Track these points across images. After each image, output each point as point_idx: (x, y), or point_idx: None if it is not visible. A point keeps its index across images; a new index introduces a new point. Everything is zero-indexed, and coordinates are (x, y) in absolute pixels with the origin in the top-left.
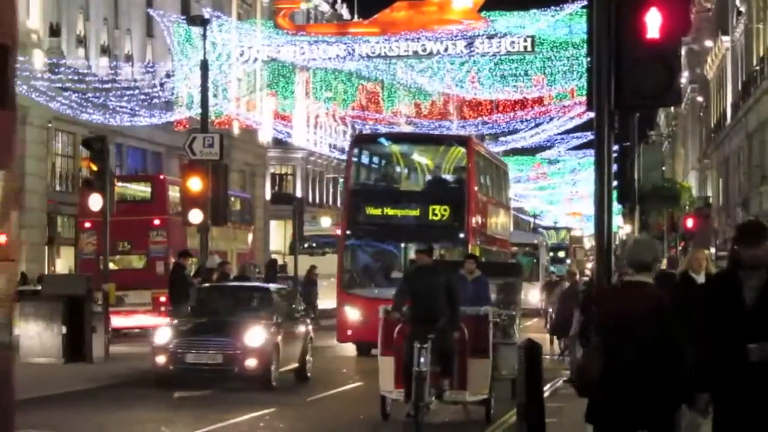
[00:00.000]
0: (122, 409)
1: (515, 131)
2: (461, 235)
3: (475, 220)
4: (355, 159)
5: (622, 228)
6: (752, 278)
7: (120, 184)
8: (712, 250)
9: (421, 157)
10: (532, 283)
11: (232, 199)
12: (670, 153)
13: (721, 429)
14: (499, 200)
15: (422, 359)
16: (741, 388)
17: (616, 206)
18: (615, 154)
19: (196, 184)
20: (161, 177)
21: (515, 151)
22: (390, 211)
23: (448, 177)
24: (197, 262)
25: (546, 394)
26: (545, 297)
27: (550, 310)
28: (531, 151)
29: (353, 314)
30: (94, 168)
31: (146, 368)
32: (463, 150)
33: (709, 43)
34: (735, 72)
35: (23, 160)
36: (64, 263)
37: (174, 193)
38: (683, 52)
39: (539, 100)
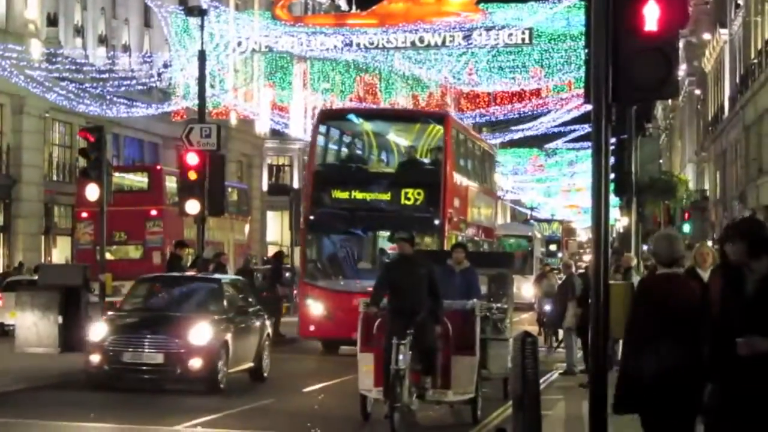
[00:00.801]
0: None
1: (513, 123)
2: (436, 222)
3: (453, 205)
4: (320, 136)
5: (619, 221)
6: (755, 271)
7: (117, 174)
8: (709, 243)
9: (393, 136)
10: (526, 276)
11: (230, 189)
12: (668, 146)
13: (713, 420)
14: (484, 185)
15: (401, 356)
16: (730, 380)
17: (613, 199)
18: (612, 147)
19: (192, 174)
20: (158, 167)
21: (512, 143)
22: (358, 195)
23: (424, 158)
24: (194, 253)
25: (541, 387)
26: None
27: (536, 302)
28: (528, 143)
29: (316, 308)
30: (91, 158)
31: None
32: (440, 128)
33: (707, 36)
34: (733, 65)
35: (20, 151)
36: (60, 253)
37: (171, 183)
38: (681, 44)
39: (537, 93)
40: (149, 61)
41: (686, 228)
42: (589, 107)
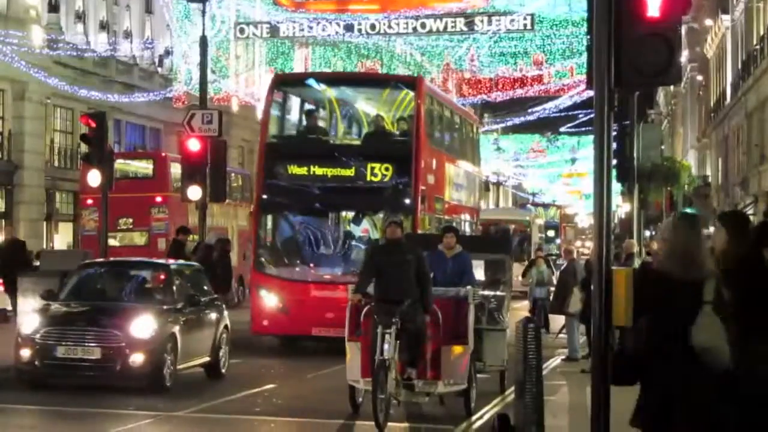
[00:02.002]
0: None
1: (514, 109)
2: (407, 201)
3: (427, 182)
4: (275, 104)
5: (620, 207)
6: None
7: (122, 161)
8: (711, 229)
9: (359, 103)
10: (523, 263)
11: (233, 176)
12: (669, 132)
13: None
14: (465, 161)
15: (386, 346)
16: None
17: (615, 185)
18: (614, 133)
19: (194, 160)
20: (163, 154)
21: (514, 129)
22: (317, 170)
23: (393, 128)
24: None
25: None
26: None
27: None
28: (530, 129)
29: (270, 300)
30: (93, 144)
31: None
32: (411, 94)
33: (709, 22)
34: (735, 51)
35: (22, 137)
36: (62, 239)
37: (176, 170)
38: (683, 30)
39: (539, 79)
40: (151, 47)
41: None
42: (591, 93)
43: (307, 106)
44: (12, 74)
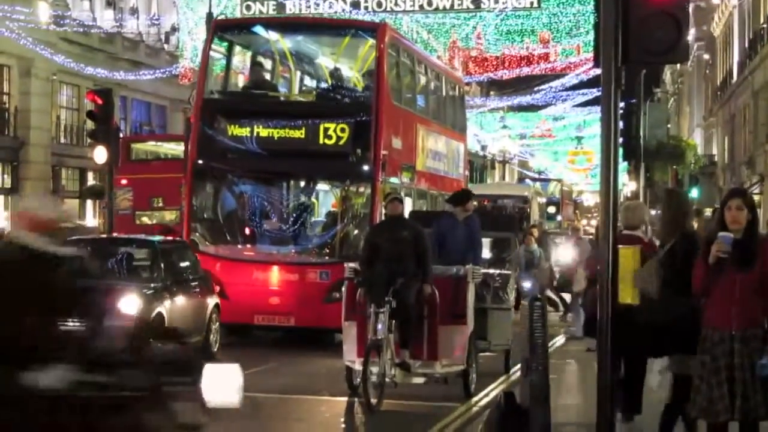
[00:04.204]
0: None
1: (521, 87)
2: (365, 167)
3: (391, 146)
4: (214, 54)
5: (626, 185)
6: None
7: (153, 142)
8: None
9: (313, 54)
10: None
11: None
12: (675, 111)
13: None
14: (443, 125)
15: (379, 326)
16: None
17: (622, 163)
18: (621, 111)
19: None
20: None
21: (521, 108)
22: (262, 131)
23: (353, 83)
24: None
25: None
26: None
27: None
28: (536, 107)
29: None
30: (99, 121)
31: None
32: (372, 42)
33: (716, 0)
34: (742, 29)
35: (28, 113)
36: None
37: None
38: (690, 8)
39: (545, 57)
40: (157, 23)
41: (694, 193)
42: (597, 71)
43: (251, 56)
44: (18, 50)
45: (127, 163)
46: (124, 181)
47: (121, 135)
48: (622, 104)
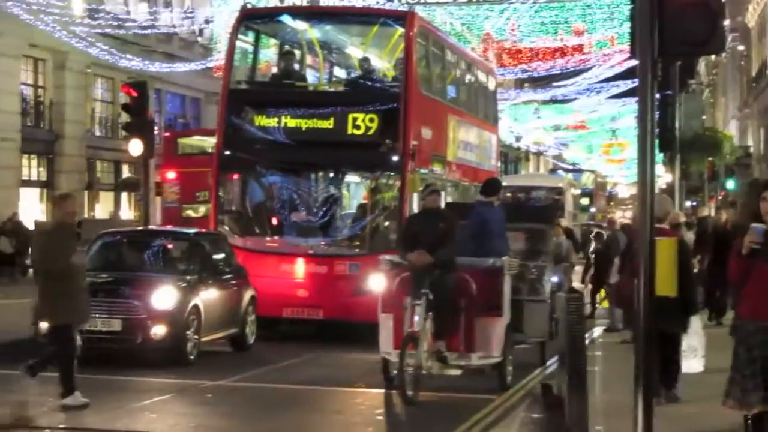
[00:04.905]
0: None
1: (555, 79)
2: (394, 158)
3: (420, 136)
4: (240, 44)
5: (661, 177)
6: None
7: (198, 137)
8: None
9: (341, 44)
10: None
11: None
12: (710, 102)
13: None
14: (474, 115)
15: (415, 318)
16: None
17: (657, 155)
18: (656, 103)
19: None
20: None
21: (555, 100)
22: (290, 122)
23: (382, 73)
24: None
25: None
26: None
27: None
28: (570, 99)
29: None
30: (134, 113)
31: None
32: (401, 31)
33: None
34: None
35: (62, 106)
36: (103, 208)
37: None
38: None
39: (579, 48)
40: (191, 16)
41: (730, 184)
42: (631, 63)
43: (279, 46)
44: (53, 44)
45: (174, 157)
46: (172, 175)
47: (155, 128)
48: (657, 96)
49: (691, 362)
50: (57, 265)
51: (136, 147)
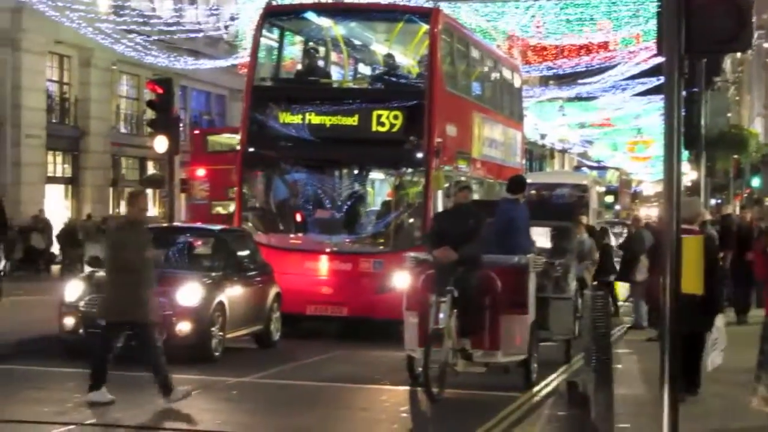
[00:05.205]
0: None
1: (580, 77)
2: (419, 155)
3: (445, 133)
4: (264, 41)
5: (687, 174)
6: None
7: (228, 135)
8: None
9: (364, 40)
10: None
11: None
12: (735, 100)
13: None
14: (499, 112)
15: (440, 315)
16: None
17: (683, 153)
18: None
19: None
20: None
21: (580, 97)
22: (314, 118)
23: (407, 70)
24: None
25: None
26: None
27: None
28: (595, 97)
29: None
30: (159, 110)
31: None
32: (425, 28)
33: None
34: None
35: (88, 103)
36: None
37: None
38: None
39: (605, 45)
40: (216, 13)
41: (755, 182)
42: (657, 60)
43: (303, 43)
44: (79, 41)
45: (204, 155)
46: (201, 172)
47: (180, 125)
48: (683, 93)
49: (711, 355)
50: (134, 262)
51: (161, 144)
